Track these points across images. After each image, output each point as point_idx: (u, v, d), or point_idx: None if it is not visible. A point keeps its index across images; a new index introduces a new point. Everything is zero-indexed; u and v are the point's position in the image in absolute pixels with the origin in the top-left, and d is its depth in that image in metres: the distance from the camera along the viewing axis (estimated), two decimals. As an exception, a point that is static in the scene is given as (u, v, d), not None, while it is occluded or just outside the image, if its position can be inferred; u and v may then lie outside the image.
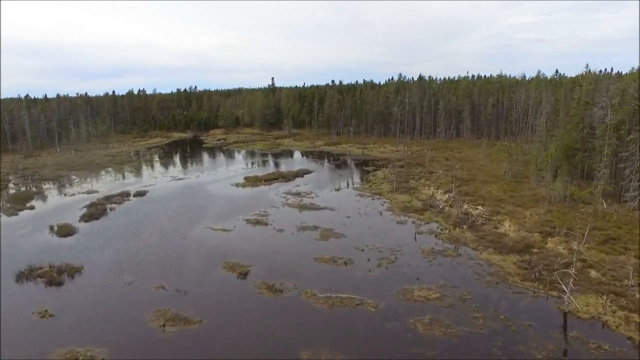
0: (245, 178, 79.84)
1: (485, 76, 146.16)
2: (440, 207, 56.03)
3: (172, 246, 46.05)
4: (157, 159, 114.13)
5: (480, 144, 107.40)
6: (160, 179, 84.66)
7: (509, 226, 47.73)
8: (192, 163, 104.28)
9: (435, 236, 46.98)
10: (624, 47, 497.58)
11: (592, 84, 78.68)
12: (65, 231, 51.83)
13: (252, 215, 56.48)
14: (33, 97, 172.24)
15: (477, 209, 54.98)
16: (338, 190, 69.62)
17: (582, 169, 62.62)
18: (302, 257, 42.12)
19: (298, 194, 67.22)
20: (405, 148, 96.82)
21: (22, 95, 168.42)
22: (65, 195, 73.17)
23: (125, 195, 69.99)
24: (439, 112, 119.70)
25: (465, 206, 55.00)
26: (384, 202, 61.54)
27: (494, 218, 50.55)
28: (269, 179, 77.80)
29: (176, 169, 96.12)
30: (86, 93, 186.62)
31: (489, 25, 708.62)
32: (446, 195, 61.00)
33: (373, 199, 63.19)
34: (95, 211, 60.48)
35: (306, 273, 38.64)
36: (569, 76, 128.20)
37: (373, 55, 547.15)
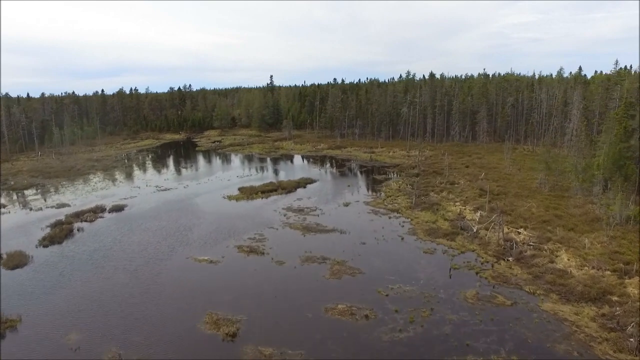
0: (239, 189, 69.97)
1: (500, 74, 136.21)
2: (474, 230, 46.18)
3: (142, 287, 36.13)
4: (144, 164, 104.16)
5: (499, 148, 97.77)
6: (144, 189, 74.69)
7: (568, 259, 37.91)
8: (182, 169, 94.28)
9: (476, 273, 37.13)
10: (621, 46, 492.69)
11: (637, 82, 68.82)
12: (15, 262, 41.99)
13: (245, 240, 46.63)
14: (16, 96, 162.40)
15: (519, 232, 45.18)
16: (347, 205, 59.73)
17: (638, 181, 52.87)
18: (308, 306, 32.26)
19: (300, 210, 57.36)
20: (420, 153, 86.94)
21: (14, 95, 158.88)
22: (31, 209, 63.14)
23: (98, 211, 60.05)
24: (452, 112, 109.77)
25: (506, 229, 45.15)
26: (404, 222, 51.67)
27: (545, 247, 40.70)
28: (266, 191, 67.88)
29: (163, 176, 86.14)
30: (73, 92, 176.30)
31: (486, 24, 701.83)
32: (477, 214, 51.17)
33: (390, 218, 53.33)
34: (58, 233, 50.53)
35: (315, 333, 28.77)
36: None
37: (370, 54, 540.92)
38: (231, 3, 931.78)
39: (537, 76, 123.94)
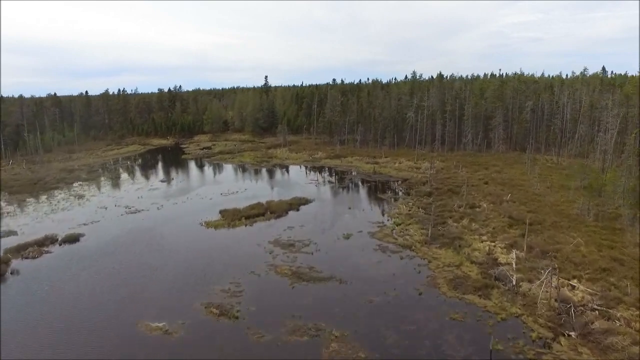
0: (221, 212, 59.34)
1: (508, 74, 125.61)
2: (513, 282, 35.58)
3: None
4: (120, 176, 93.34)
5: (518, 159, 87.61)
6: (111, 210, 64.06)
7: (657, 339, 27.27)
8: (160, 184, 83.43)
9: (530, 360, 26.53)
10: (621, 46, 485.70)
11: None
12: None
13: (217, 293, 36.05)
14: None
15: (573, 287, 34.57)
16: (348, 237, 49.06)
17: None
18: None
19: (290, 245, 46.71)
20: (432, 166, 76.25)
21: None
22: (-31, 239, 52.54)
23: (47, 243, 49.58)
24: (464, 118, 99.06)
25: (555, 280, 34.47)
26: (420, 264, 41.03)
27: (618, 315, 30.10)
28: (251, 215, 57.24)
29: (138, 192, 75.45)
30: (55, 93, 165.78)
31: (486, 24, 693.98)
32: (512, 255, 40.52)
33: (402, 258, 42.66)
34: (-16, 278, 40.02)
35: None
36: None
37: (370, 54, 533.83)
38: (231, 3, 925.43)
39: (554, 76, 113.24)
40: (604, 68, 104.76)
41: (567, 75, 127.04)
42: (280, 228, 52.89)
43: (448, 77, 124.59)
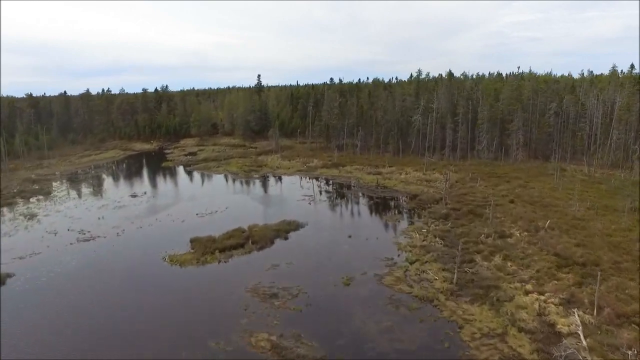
0: (191, 241, 48.17)
1: (523, 73, 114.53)
2: (590, 371, 24.55)
3: None
4: (87, 188, 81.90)
5: (542, 169, 77.09)
6: (61, 236, 52.84)
7: None
8: (130, 199, 71.84)
9: None
10: (620, 46, 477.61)
11: None
12: None
13: (160, 385, 24.90)
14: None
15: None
16: (348, 283, 37.86)
17: None
18: None
19: (273, 295, 35.55)
20: (446, 179, 65.03)
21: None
22: None
23: (-39, 288, 38.39)
24: (478, 122, 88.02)
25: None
26: (448, 330, 29.78)
27: None
28: (228, 246, 46.04)
29: (100, 211, 64.05)
30: (31, 94, 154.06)
31: (486, 24, 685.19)
32: (575, 317, 29.53)
33: (421, 320, 31.42)
34: None
35: None
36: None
37: (370, 54, 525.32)
38: (231, 3, 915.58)
39: (576, 76, 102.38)
40: (632, 66, 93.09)
41: (582, 74, 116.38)
42: (263, 265, 41.73)
43: (467, 76, 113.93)
